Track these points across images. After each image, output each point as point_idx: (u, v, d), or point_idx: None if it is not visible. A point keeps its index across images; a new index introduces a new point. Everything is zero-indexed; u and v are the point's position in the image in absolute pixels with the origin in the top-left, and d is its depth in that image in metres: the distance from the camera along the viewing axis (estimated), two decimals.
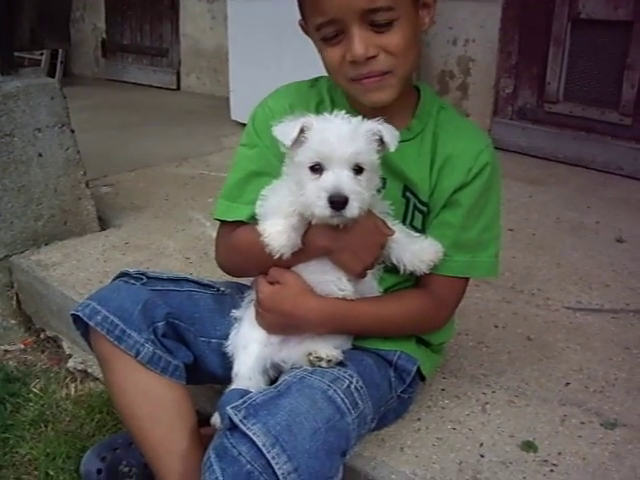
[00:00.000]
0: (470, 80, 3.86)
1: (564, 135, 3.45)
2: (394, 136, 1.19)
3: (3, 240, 2.28)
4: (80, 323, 1.34)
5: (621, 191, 3.06)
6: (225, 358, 1.34)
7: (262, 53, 3.83)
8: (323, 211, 1.14)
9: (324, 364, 1.23)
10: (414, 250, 1.29)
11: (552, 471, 1.32)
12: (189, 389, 1.38)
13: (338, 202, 1.13)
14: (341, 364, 1.26)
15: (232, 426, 1.09)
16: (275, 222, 1.21)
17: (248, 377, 1.27)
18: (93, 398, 1.86)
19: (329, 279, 1.28)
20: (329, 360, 1.24)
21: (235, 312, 1.37)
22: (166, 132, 4.06)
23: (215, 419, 1.25)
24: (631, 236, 2.50)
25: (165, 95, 5.42)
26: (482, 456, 1.36)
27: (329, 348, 1.26)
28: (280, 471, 1.04)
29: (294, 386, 1.16)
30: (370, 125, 1.18)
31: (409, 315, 1.36)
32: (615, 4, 3.17)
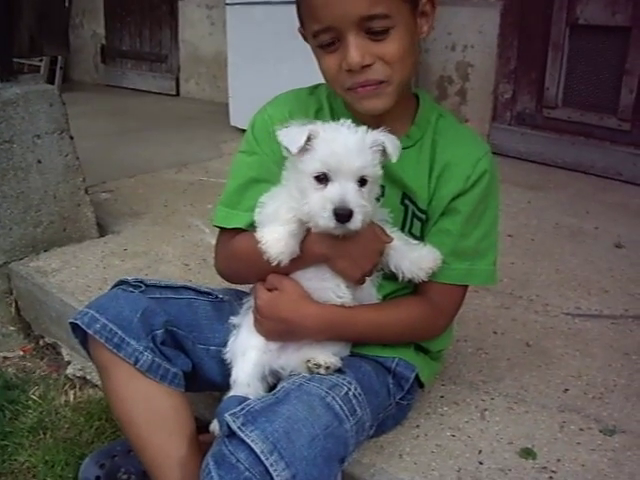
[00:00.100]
0: (469, 85, 3.86)
1: (563, 140, 3.46)
2: (396, 147, 1.20)
3: (2, 247, 2.28)
4: (79, 331, 1.34)
5: (620, 196, 3.06)
6: (224, 365, 1.34)
7: (261, 59, 3.84)
8: (328, 223, 1.14)
9: (322, 371, 1.23)
10: (413, 258, 1.29)
11: (551, 478, 1.32)
12: (188, 396, 1.38)
13: (343, 215, 1.13)
14: (339, 371, 1.26)
15: (230, 433, 1.09)
16: (273, 229, 1.21)
17: (246, 384, 1.27)
18: (92, 405, 1.86)
19: (327, 286, 1.28)
20: (327, 367, 1.24)
21: (233, 319, 1.37)
22: (165, 138, 4.06)
23: (214, 426, 1.25)
24: (630, 242, 2.50)
25: (164, 101, 5.43)
26: (481, 463, 1.35)
27: (327, 355, 1.26)
28: (278, 478, 1.03)
29: (292, 393, 1.16)
30: (375, 136, 1.18)
31: (407, 323, 1.36)
32: (613, 10, 3.18)
